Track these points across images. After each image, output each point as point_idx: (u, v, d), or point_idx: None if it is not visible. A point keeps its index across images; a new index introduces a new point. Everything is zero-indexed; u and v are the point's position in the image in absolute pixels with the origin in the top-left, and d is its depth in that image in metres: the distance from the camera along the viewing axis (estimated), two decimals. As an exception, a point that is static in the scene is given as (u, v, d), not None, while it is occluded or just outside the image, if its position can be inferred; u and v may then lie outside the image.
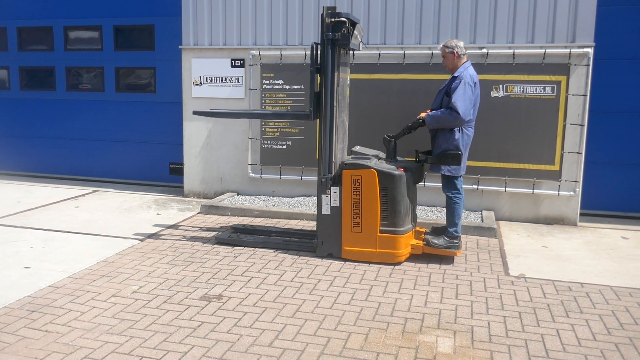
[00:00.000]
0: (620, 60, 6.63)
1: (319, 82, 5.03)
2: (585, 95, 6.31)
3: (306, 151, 7.14)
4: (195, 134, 7.64)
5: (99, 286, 4.40)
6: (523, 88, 6.41)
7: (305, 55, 7.00)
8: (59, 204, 7.28)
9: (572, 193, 6.48)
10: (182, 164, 7.91)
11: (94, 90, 8.70)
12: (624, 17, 6.55)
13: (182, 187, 7.95)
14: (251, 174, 7.46)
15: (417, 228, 5.48)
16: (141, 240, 5.69)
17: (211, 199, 7.54)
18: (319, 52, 5.00)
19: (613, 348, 3.50)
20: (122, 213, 6.82)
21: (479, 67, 6.09)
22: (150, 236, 5.83)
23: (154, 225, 6.26)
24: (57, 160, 9.05)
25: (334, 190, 5.06)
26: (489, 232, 5.95)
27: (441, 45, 5.18)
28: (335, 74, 4.94)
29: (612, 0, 6.52)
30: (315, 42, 5.04)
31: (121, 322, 3.77)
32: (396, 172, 4.93)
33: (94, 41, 8.58)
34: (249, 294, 4.29)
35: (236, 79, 7.38)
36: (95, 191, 8.12)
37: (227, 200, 7.21)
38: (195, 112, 5.76)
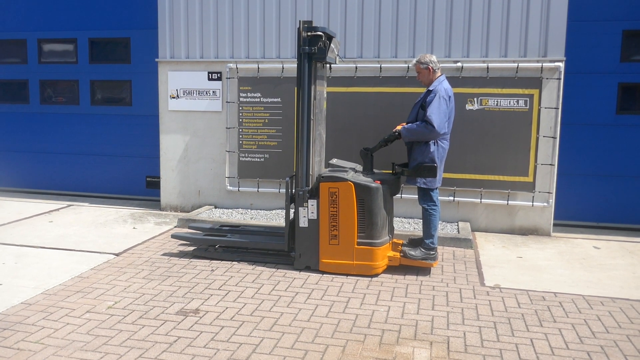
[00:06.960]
0: (590, 74, 6.80)
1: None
2: (557, 108, 6.45)
3: (284, 164, 7.15)
4: (172, 147, 7.60)
5: (73, 302, 4.33)
6: (497, 101, 6.52)
7: (283, 68, 7.03)
8: (32, 218, 7.16)
9: (545, 204, 6.60)
10: (158, 177, 7.86)
11: (68, 103, 8.61)
12: (594, 32, 6.72)
13: (159, 201, 7.88)
14: (229, 187, 7.44)
15: (394, 240, 5.52)
16: (117, 254, 5.62)
17: (188, 212, 7.49)
18: (290, 189, 5.12)
19: (585, 356, 3.56)
20: (97, 227, 6.73)
21: (454, 81, 6.20)
22: (126, 251, 5.77)
23: (130, 240, 6.19)
24: (30, 174, 8.90)
25: (312, 203, 5.08)
26: (465, 243, 6.02)
27: (414, 61, 5.24)
28: (312, 87, 4.98)
29: (582, 15, 6.71)
30: (290, 176, 5.13)
31: (96, 338, 3.71)
32: (373, 185, 4.97)
33: (69, 54, 8.50)
34: (226, 308, 4.26)
35: (213, 92, 7.38)
36: (70, 205, 8.01)
37: (204, 213, 7.17)
38: (173, 236, 5.62)
